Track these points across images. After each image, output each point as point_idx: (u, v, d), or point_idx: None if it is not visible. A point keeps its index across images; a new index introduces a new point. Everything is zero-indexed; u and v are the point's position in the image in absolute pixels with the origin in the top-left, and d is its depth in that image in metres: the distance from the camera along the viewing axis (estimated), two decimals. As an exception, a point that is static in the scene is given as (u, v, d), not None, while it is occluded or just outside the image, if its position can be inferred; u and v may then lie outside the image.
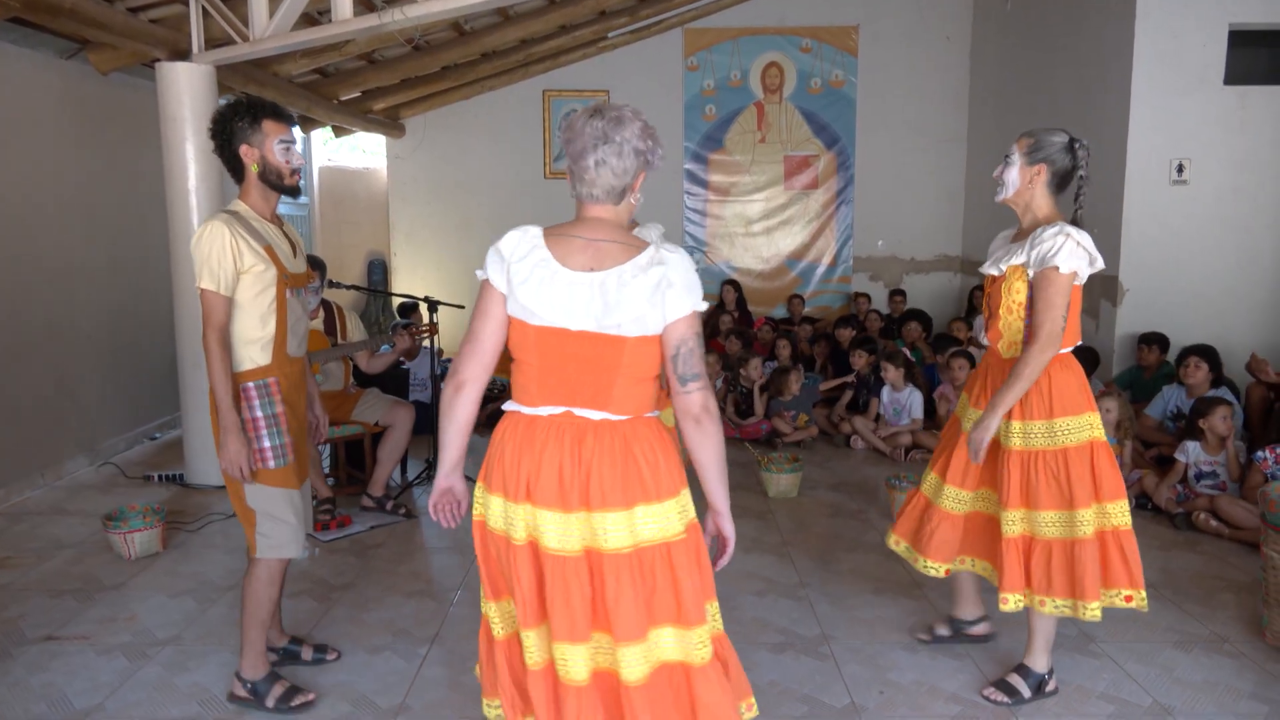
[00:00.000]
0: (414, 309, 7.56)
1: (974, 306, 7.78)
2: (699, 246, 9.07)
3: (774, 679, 2.93)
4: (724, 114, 8.91)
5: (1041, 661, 2.80)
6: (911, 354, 6.35)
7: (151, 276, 6.01)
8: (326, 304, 4.59)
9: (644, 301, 1.80)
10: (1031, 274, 2.60)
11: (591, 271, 1.84)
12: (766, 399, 6.22)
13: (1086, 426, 2.65)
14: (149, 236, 5.96)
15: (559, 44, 7.97)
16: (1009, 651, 3.07)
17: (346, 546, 4.15)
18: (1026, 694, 2.78)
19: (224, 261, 2.56)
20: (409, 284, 9.01)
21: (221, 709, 2.77)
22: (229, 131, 2.64)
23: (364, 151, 12.10)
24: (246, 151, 2.65)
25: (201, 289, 2.58)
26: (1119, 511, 2.65)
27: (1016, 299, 2.66)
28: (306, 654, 3.04)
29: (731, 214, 9.06)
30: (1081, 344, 2.79)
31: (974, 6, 8.72)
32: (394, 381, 5.72)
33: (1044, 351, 2.56)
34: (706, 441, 1.88)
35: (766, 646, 3.16)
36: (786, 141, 8.93)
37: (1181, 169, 5.80)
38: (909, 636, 3.23)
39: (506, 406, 1.97)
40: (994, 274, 2.76)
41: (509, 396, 1.98)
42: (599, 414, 1.86)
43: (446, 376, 1.97)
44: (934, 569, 2.91)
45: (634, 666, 1.85)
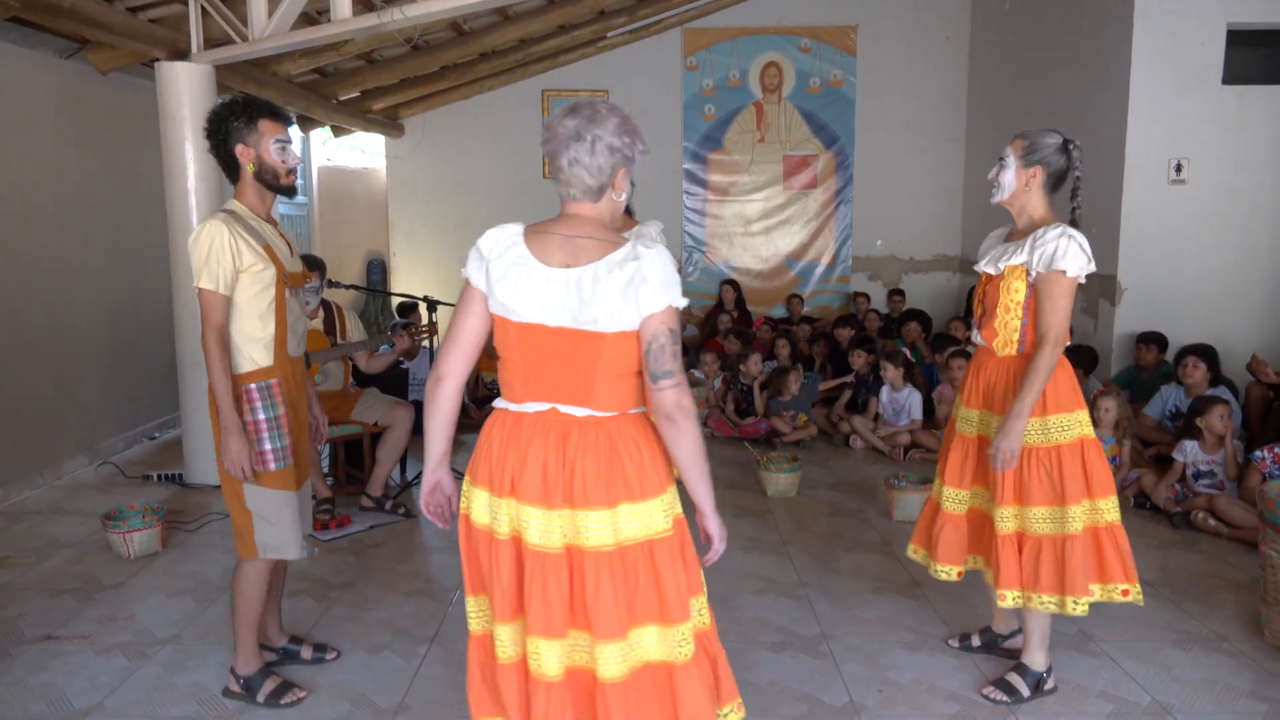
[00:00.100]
0: (413, 309, 7.57)
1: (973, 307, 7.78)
2: (698, 246, 9.07)
3: (773, 678, 2.93)
4: (723, 114, 8.91)
5: (1039, 660, 2.81)
6: (910, 354, 6.36)
7: (151, 276, 6.01)
8: (326, 304, 4.59)
9: (618, 297, 1.79)
10: (1034, 275, 2.62)
11: (568, 268, 1.83)
12: (766, 398, 6.22)
13: (1078, 424, 2.67)
14: (149, 236, 5.97)
15: (558, 44, 7.97)
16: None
17: (346, 546, 4.15)
18: (1025, 692, 2.78)
19: (223, 260, 2.55)
20: (408, 284, 9.01)
21: (220, 708, 2.77)
22: (224, 131, 2.62)
23: (363, 151, 12.09)
24: (242, 151, 2.64)
25: (200, 288, 2.56)
26: (1110, 507, 2.68)
27: (1015, 298, 2.67)
28: (306, 653, 3.04)
29: (730, 214, 9.05)
30: (1080, 343, 2.79)
31: (972, 6, 8.73)
32: (393, 381, 5.71)
33: (1055, 353, 2.58)
34: (682, 439, 1.86)
35: (766, 646, 3.16)
36: (785, 141, 8.93)
37: (1180, 168, 5.81)
38: (908, 635, 3.24)
39: (495, 404, 1.98)
40: (990, 272, 2.77)
41: None
42: (583, 410, 1.86)
43: (430, 373, 1.99)
44: (945, 573, 2.91)
45: (611, 665, 1.84)
